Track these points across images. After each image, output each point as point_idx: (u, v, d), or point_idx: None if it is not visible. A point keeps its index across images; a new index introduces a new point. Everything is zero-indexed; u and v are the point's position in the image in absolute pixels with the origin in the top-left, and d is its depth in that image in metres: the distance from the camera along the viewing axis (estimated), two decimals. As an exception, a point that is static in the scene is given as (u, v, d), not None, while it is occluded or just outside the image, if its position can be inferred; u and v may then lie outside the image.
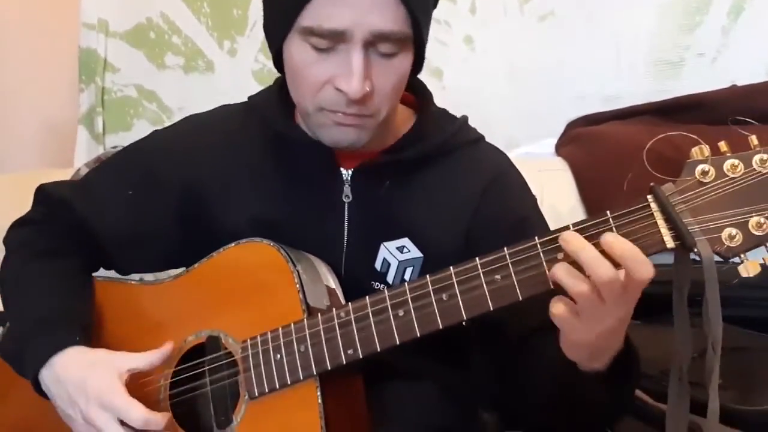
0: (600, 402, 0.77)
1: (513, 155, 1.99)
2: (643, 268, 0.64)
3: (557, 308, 0.68)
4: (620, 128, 1.78)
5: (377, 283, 0.91)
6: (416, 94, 0.96)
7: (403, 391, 0.90)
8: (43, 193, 1.01)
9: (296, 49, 0.80)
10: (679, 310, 0.70)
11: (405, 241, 0.90)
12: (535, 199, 0.99)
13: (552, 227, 1.72)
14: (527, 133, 1.95)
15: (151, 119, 2.09)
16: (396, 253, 0.91)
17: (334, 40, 0.78)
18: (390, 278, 0.91)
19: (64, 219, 0.97)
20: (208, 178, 0.93)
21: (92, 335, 0.91)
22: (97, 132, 2.09)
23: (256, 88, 0.99)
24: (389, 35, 0.78)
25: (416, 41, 0.82)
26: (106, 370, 0.83)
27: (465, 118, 0.99)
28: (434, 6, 0.86)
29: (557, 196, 1.66)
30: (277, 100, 0.93)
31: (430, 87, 2.05)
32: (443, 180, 0.92)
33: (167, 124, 2.05)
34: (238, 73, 2.00)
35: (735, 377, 1.13)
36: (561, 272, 0.67)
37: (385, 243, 0.90)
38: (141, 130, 2.07)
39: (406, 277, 0.90)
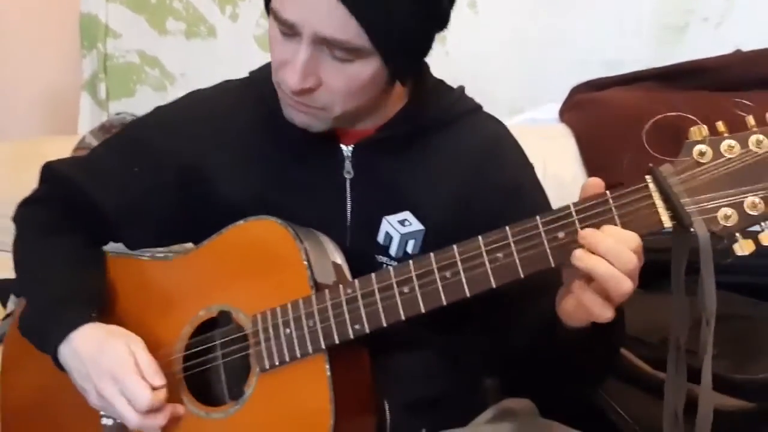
0: (586, 357, 0.82)
1: (516, 121, 2.02)
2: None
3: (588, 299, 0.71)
4: (622, 95, 1.78)
5: (381, 256, 0.93)
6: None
7: (406, 359, 0.93)
8: (49, 170, 1.03)
9: (270, 23, 0.83)
10: (677, 287, 0.73)
11: (406, 215, 0.92)
12: (532, 167, 1.00)
13: (555, 195, 1.73)
14: (531, 98, 1.97)
15: (154, 85, 2.10)
16: (398, 227, 0.93)
17: (290, 29, 0.79)
18: (393, 251, 0.93)
19: (70, 196, 0.99)
20: (210, 155, 0.95)
21: (106, 309, 0.94)
22: (101, 98, 2.11)
23: (258, 52, 1.00)
24: (335, 43, 0.78)
25: (387, 52, 0.81)
26: (121, 346, 0.86)
27: (462, 89, 1.00)
28: (429, 17, 0.84)
29: (560, 163, 1.68)
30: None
31: (433, 53, 2.06)
32: (442, 152, 0.94)
33: (170, 90, 2.08)
34: (240, 38, 1.99)
35: (731, 345, 1.15)
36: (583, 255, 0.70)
37: (386, 217, 0.92)
38: (144, 96, 2.10)
39: (409, 249, 0.93)
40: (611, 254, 0.68)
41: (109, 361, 0.84)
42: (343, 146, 0.92)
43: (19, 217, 1.02)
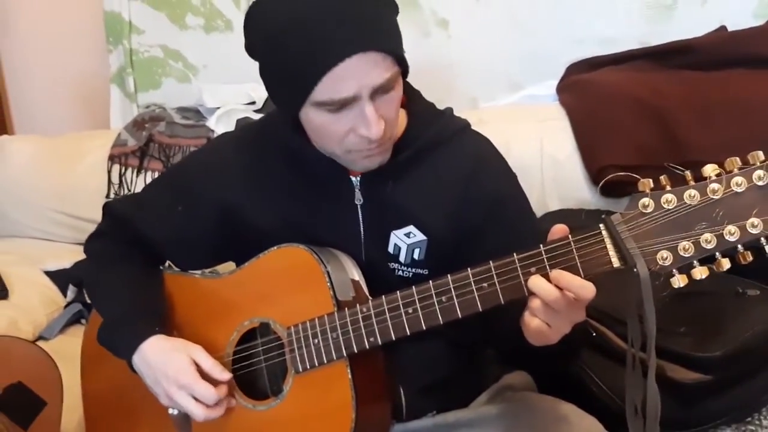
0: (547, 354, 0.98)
1: (516, 98, 2.14)
2: (583, 291, 0.85)
3: (534, 322, 0.89)
4: (612, 76, 1.89)
5: (392, 263, 1.09)
6: (405, 93, 1.07)
7: (418, 349, 1.08)
8: (108, 209, 1.22)
9: (314, 115, 0.96)
10: (629, 313, 0.90)
11: (410, 228, 1.08)
12: (515, 177, 1.14)
13: (552, 173, 1.88)
14: (529, 76, 2.07)
15: (178, 77, 2.23)
16: (404, 239, 1.09)
17: (345, 102, 0.93)
18: (402, 258, 1.09)
19: (128, 231, 1.17)
20: (242, 194, 1.11)
21: (167, 321, 1.13)
22: (129, 91, 2.23)
23: None
24: (386, 83, 0.93)
25: (400, 58, 0.95)
26: (182, 357, 1.05)
27: (450, 110, 1.13)
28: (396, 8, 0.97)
29: (556, 144, 1.82)
30: (291, 123, 1.05)
31: (436, 37, 2.17)
32: (436, 170, 1.08)
33: (194, 81, 2.22)
34: (255, 30, 2.12)
35: (696, 322, 1.33)
36: (537, 282, 0.87)
37: (394, 231, 1.08)
38: (170, 87, 2.24)
39: (416, 256, 1.09)
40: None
41: (175, 371, 1.04)
42: (352, 177, 1.08)
43: (89, 249, 1.21)
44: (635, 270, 0.84)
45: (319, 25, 0.89)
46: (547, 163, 1.84)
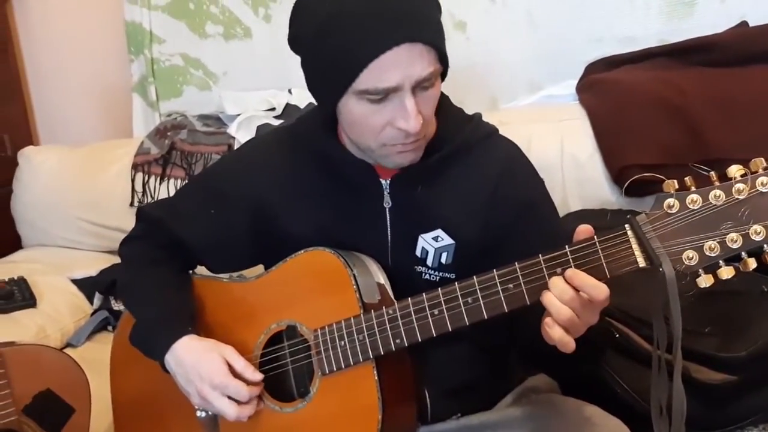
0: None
1: (536, 98, 2.13)
2: (596, 291, 0.85)
3: (556, 332, 0.89)
4: (632, 74, 1.88)
5: (419, 267, 1.10)
6: None
7: (444, 352, 1.10)
8: (142, 213, 1.24)
9: (354, 105, 0.97)
10: (656, 313, 0.90)
11: (439, 232, 1.09)
12: (542, 182, 1.15)
13: (573, 174, 1.87)
14: (548, 76, 2.07)
15: (199, 85, 2.25)
16: (432, 242, 1.09)
17: (387, 93, 0.94)
18: (429, 262, 1.10)
19: (162, 234, 1.19)
20: (272, 196, 1.13)
21: (198, 323, 1.14)
22: (151, 99, 2.26)
23: (289, 49, 1.05)
24: (428, 78, 0.95)
25: (443, 55, 0.97)
26: (215, 357, 1.06)
27: (479, 116, 1.15)
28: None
29: (576, 144, 1.82)
30: (320, 124, 1.09)
31: (455, 40, 2.18)
32: (464, 175, 1.09)
33: (214, 89, 2.24)
34: (274, 38, 2.13)
35: (721, 322, 1.33)
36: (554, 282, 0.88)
37: (422, 235, 1.09)
38: (191, 95, 2.26)
39: (443, 260, 1.09)
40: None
41: (208, 370, 1.05)
42: (382, 180, 1.09)
43: (123, 252, 1.23)
44: (661, 270, 0.84)
45: (369, 14, 0.91)
46: (568, 163, 1.83)
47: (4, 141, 2.30)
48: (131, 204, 1.99)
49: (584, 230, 0.90)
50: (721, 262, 0.84)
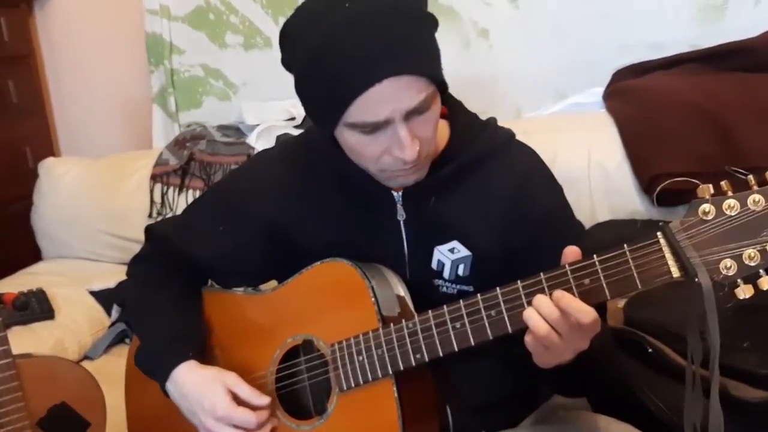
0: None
1: (561, 107, 2.08)
2: (582, 316, 0.82)
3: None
4: (663, 81, 1.83)
5: (436, 280, 1.06)
6: (446, 104, 1.06)
7: (468, 368, 1.05)
8: (151, 232, 1.21)
9: (348, 135, 0.95)
10: (691, 326, 0.85)
11: (455, 243, 1.05)
12: (561, 190, 1.10)
13: (601, 185, 1.81)
14: (573, 84, 2.02)
15: (219, 95, 2.25)
16: (448, 254, 1.06)
17: (378, 125, 0.91)
18: (446, 275, 1.06)
19: (171, 252, 1.16)
20: (285, 214, 1.10)
21: (205, 341, 1.12)
22: (171, 110, 2.26)
23: None
24: (420, 105, 0.91)
25: (437, 77, 0.93)
26: (217, 387, 1.03)
27: (494, 121, 1.10)
28: (432, 24, 0.94)
29: (604, 152, 1.76)
30: (327, 139, 1.04)
31: (478, 47, 2.14)
32: (480, 185, 1.05)
33: (234, 99, 2.22)
34: (294, 46, 2.12)
35: (761, 337, 1.26)
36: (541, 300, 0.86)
37: (438, 247, 1.05)
38: (211, 105, 2.26)
39: (460, 272, 1.06)
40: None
41: (211, 403, 1.03)
42: (394, 193, 1.05)
43: (131, 272, 1.21)
44: (696, 280, 0.79)
45: (350, 48, 0.88)
46: (596, 173, 1.77)
47: (26, 154, 2.31)
48: (150, 215, 1.98)
49: (572, 253, 0.86)
50: (761, 271, 0.78)
